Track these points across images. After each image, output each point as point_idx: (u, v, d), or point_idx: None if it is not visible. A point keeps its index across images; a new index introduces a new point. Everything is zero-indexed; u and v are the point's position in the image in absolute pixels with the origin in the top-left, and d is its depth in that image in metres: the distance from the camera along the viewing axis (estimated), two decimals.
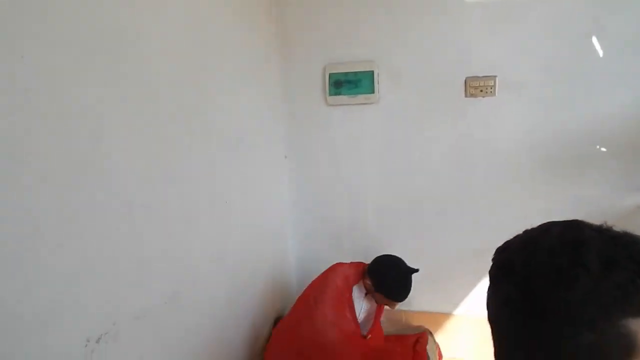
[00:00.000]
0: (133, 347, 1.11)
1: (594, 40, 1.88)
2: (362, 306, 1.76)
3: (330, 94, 2.20)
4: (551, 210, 2.04)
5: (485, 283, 2.15)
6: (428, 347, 2.02)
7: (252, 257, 1.89)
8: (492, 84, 2.01)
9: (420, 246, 2.25)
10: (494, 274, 0.65)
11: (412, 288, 1.86)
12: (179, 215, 1.34)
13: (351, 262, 1.92)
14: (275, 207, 2.20)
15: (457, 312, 2.28)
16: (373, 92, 2.15)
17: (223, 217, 1.61)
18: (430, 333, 2.20)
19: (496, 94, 2.02)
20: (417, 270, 1.81)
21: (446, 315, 2.28)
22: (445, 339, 2.27)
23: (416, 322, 2.31)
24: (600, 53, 1.88)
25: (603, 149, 1.97)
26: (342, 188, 2.29)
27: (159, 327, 1.23)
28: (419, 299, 2.21)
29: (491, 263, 0.67)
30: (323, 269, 2.38)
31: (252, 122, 1.89)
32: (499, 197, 2.10)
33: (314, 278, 2.38)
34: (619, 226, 1.75)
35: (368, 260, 2.31)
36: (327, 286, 1.70)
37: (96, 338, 0.98)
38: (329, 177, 2.30)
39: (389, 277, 1.79)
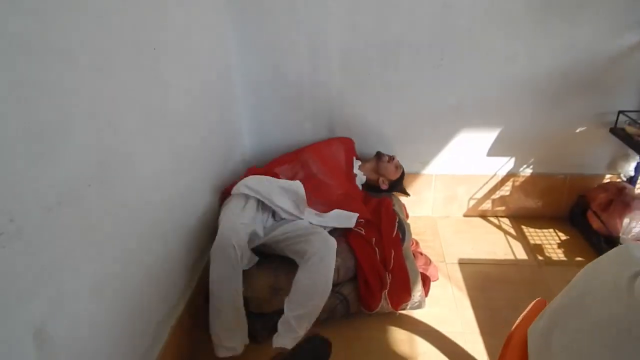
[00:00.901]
0: (45, 248, 0.82)
1: None
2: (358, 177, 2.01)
3: None
4: (538, 54, 1.83)
5: (457, 141, 1.97)
6: (396, 208, 1.93)
7: (195, 118, 1.54)
8: None
9: (392, 103, 1.99)
10: None
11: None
12: (94, 63, 0.94)
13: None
14: (219, 62, 1.79)
15: (425, 172, 2.17)
16: None
17: (153, 67, 1.22)
18: (394, 195, 2.10)
19: None
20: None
21: (414, 176, 2.17)
22: (410, 198, 2.19)
23: None
24: None
25: None
26: (300, 34, 1.86)
27: (81, 216, 0.93)
28: None
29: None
30: (280, 135, 2.12)
31: None
32: (482, 40, 1.82)
33: (269, 145, 2.12)
34: (608, 70, 1.45)
35: (335, 123, 2.06)
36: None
37: None
38: (283, 21, 1.84)
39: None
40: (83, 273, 0.94)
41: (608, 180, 2.07)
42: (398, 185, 2.07)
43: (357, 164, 2.04)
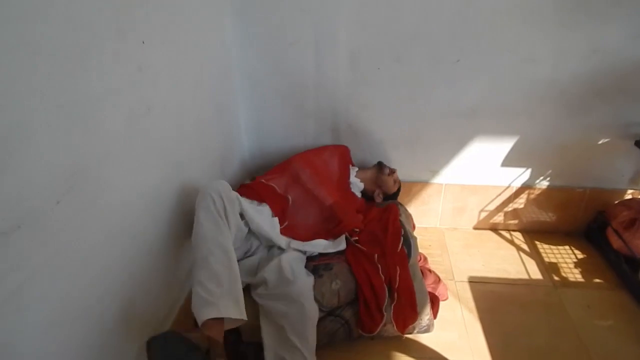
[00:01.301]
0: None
1: None
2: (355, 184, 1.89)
3: None
4: (562, 57, 1.69)
5: (470, 149, 1.82)
6: (402, 218, 1.79)
7: (188, 118, 1.41)
8: None
9: (402, 104, 1.85)
10: None
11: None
12: (63, 50, 0.80)
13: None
14: (216, 55, 1.64)
15: (434, 180, 2.04)
16: None
17: (139, 59, 1.07)
18: (401, 204, 1.97)
19: None
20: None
21: (422, 184, 2.04)
22: (417, 208, 2.07)
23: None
24: None
25: None
26: (305, 28, 1.72)
27: (45, 239, 0.79)
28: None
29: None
30: (281, 136, 1.98)
31: None
32: (502, 39, 1.68)
33: (269, 150, 1.99)
34: (637, 77, 1.26)
35: (339, 124, 1.92)
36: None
37: None
38: (287, 14, 1.70)
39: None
40: (46, 303, 0.81)
41: (630, 196, 1.94)
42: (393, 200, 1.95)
43: (353, 171, 1.91)
